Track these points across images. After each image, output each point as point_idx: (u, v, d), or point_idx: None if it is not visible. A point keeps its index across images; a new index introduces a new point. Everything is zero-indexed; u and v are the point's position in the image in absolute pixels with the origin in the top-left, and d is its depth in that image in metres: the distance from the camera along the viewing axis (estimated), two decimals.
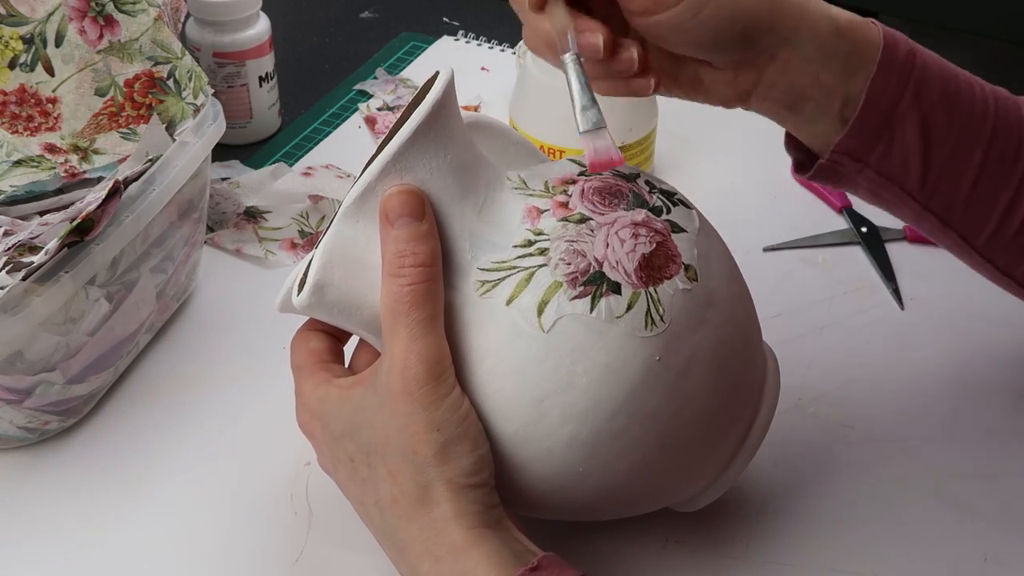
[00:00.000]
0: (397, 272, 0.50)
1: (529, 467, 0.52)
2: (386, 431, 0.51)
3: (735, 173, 0.89)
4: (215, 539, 0.61)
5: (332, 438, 0.54)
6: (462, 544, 0.50)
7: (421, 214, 0.51)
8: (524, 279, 0.51)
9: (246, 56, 0.88)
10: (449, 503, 0.50)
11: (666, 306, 0.51)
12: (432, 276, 0.50)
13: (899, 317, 0.76)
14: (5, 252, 0.64)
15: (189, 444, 0.66)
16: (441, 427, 0.50)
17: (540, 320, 0.50)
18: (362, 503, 0.54)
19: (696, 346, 0.51)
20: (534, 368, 0.50)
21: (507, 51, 1.04)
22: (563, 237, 0.51)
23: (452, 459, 0.50)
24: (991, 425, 0.69)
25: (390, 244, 0.50)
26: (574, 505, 0.54)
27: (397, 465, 0.51)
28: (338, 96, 0.98)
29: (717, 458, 0.55)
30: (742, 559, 0.61)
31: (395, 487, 0.51)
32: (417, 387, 0.50)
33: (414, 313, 0.50)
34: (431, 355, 0.50)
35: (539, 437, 0.51)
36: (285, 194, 0.82)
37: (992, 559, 0.61)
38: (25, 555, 0.60)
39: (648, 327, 0.50)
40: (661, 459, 0.52)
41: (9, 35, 0.73)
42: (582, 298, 0.50)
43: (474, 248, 0.52)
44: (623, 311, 0.50)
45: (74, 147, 0.74)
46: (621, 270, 0.50)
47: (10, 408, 0.62)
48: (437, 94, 0.51)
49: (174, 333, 0.73)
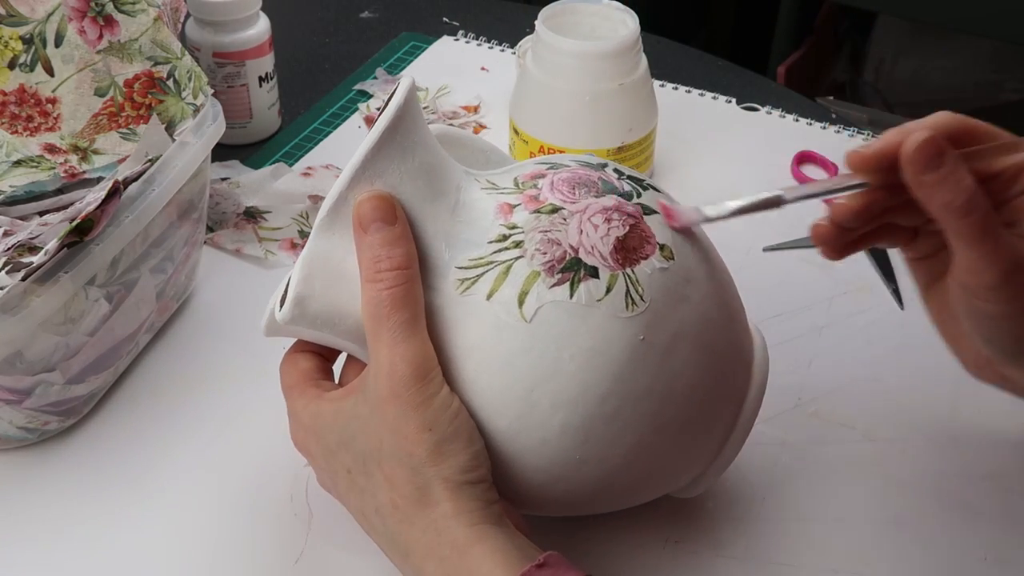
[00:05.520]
0: (374, 277, 0.50)
1: (525, 460, 0.52)
2: (379, 436, 0.51)
3: (735, 173, 0.89)
4: (214, 540, 0.61)
5: (328, 452, 0.54)
6: (465, 542, 0.50)
7: (393, 218, 0.51)
8: (502, 272, 0.51)
9: (246, 56, 0.88)
10: (448, 502, 0.50)
11: (645, 286, 0.51)
12: (410, 278, 0.50)
13: (899, 317, 0.76)
14: (5, 252, 0.64)
15: (189, 444, 0.66)
16: (433, 426, 0.50)
17: (522, 311, 0.50)
18: (363, 513, 0.54)
19: (679, 323, 0.52)
20: (520, 359, 0.50)
21: (507, 51, 1.04)
22: (537, 228, 0.52)
23: (447, 457, 0.50)
24: (991, 425, 0.69)
25: (365, 250, 0.51)
26: (573, 497, 0.54)
27: (393, 469, 0.51)
28: (338, 96, 0.97)
29: (711, 438, 0.55)
30: (742, 559, 0.61)
31: (393, 491, 0.51)
32: (404, 389, 0.50)
33: (395, 316, 0.50)
34: (415, 356, 0.50)
35: (532, 428, 0.51)
36: (285, 194, 0.82)
37: (992, 558, 0.61)
38: (25, 555, 0.60)
39: (629, 307, 0.51)
40: (656, 440, 0.52)
41: (9, 35, 0.73)
42: (561, 285, 0.50)
43: (450, 248, 0.52)
44: (603, 294, 0.51)
45: (74, 147, 0.74)
46: (597, 254, 0.51)
47: (10, 408, 0.62)
48: (399, 100, 0.51)
49: (174, 333, 0.73)
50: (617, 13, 0.83)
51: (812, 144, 0.90)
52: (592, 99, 0.80)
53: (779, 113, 0.95)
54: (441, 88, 0.97)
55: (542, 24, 0.81)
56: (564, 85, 0.80)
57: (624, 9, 0.83)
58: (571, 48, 0.80)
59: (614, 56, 0.80)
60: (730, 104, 0.96)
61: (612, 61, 0.80)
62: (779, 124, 0.94)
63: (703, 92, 0.98)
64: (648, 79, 0.83)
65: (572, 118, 0.81)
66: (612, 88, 0.80)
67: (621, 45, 0.80)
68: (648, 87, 0.83)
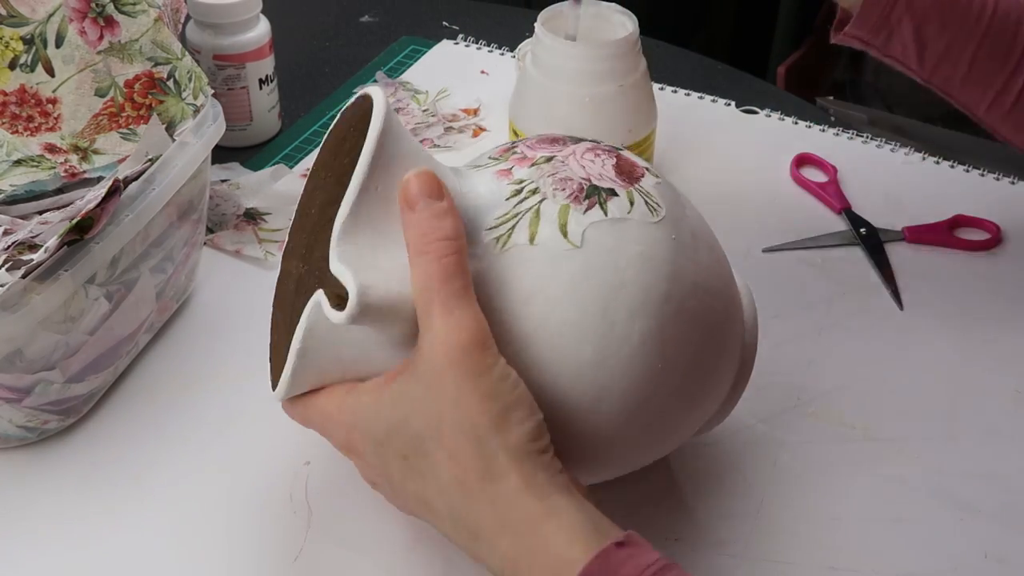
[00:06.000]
0: (423, 250, 0.50)
1: (616, 384, 0.52)
2: (438, 410, 0.49)
3: (735, 174, 0.89)
4: (214, 538, 0.61)
5: (376, 443, 0.52)
6: (538, 515, 0.48)
7: (440, 193, 0.51)
8: (534, 216, 0.53)
9: (246, 58, 0.88)
10: (515, 473, 0.48)
11: (655, 196, 0.55)
12: (459, 249, 0.50)
13: (899, 317, 0.76)
14: (5, 251, 0.64)
15: (189, 444, 0.66)
16: (496, 395, 0.49)
17: (569, 239, 0.52)
18: (423, 500, 0.52)
19: (691, 223, 0.56)
20: (584, 283, 0.51)
21: (506, 54, 1.04)
22: (544, 174, 0.54)
23: (512, 426, 0.49)
24: (991, 425, 0.69)
25: (413, 226, 0.50)
26: (653, 420, 0.54)
27: (456, 442, 0.49)
28: (338, 99, 0.98)
29: (736, 347, 0.58)
30: (742, 557, 0.61)
31: (457, 467, 0.49)
32: (463, 357, 0.48)
33: (446, 287, 0.49)
34: (471, 324, 0.49)
35: (617, 346, 0.52)
36: (285, 196, 0.83)
37: (992, 557, 0.61)
38: (25, 554, 0.60)
39: (654, 213, 0.54)
40: (710, 341, 0.55)
41: (9, 36, 0.74)
42: (592, 208, 0.53)
43: (471, 216, 0.53)
44: (629, 207, 0.54)
45: (74, 147, 0.74)
46: (607, 179, 0.54)
47: (9, 407, 0.62)
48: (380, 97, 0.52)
49: (174, 333, 0.73)
50: (616, 15, 0.83)
51: (811, 146, 0.91)
52: (591, 101, 0.80)
53: (778, 116, 0.95)
54: (441, 91, 0.98)
55: (541, 27, 0.81)
56: (564, 87, 0.81)
57: (623, 11, 0.83)
58: (570, 50, 0.80)
59: (613, 58, 0.80)
60: (729, 107, 0.96)
61: (611, 63, 0.80)
62: (778, 127, 0.94)
63: (702, 95, 0.98)
64: (647, 81, 0.83)
65: (571, 120, 0.81)
66: (611, 90, 0.80)
67: (620, 47, 0.80)
68: (647, 89, 0.83)
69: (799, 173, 0.89)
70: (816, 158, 0.89)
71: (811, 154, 0.90)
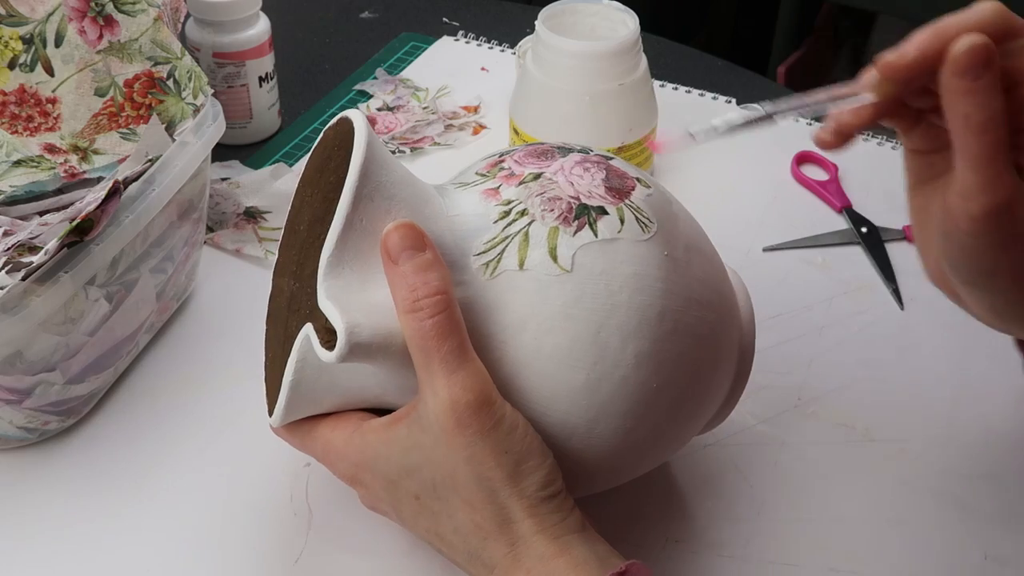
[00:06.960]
0: (414, 307, 0.49)
1: (610, 408, 0.52)
2: (452, 466, 0.50)
3: (735, 173, 0.89)
4: (215, 539, 0.61)
5: (388, 481, 0.53)
6: (551, 554, 0.50)
7: (423, 244, 0.50)
8: (523, 240, 0.52)
9: (246, 56, 0.88)
10: (531, 519, 0.50)
11: (646, 210, 0.54)
12: (449, 303, 0.49)
13: (899, 317, 0.76)
14: (5, 252, 0.64)
15: (189, 444, 0.66)
16: (507, 449, 0.49)
17: (559, 263, 0.51)
18: (437, 533, 0.53)
19: (683, 235, 0.55)
20: (577, 307, 0.51)
21: (507, 51, 1.04)
22: (532, 194, 0.53)
23: (526, 475, 0.50)
24: (991, 425, 0.69)
25: (399, 281, 0.49)
26: (651, 436, 0.54)
27: (473, 494, 0.50)
28: (338, 96, 0.98)
29: (733, 351, 0.58)
30: (741, 559, 0.61)
31: (474, 512, 0.50)
32: (471, 417, 0.49)
33: (444, 345, 0.49)
34: (475, 383, 0.49)
35: (610, 370, 0.51)
36: (285, 194, 0.82)
37: (992, 557, 0.61)
38: (25, 555, 0.60)
39: (645, 230, 0.53)
40: (705, 354, 0.54)
41: (9, 35, 0.73)
42: (581, 229, 0.52)
43: (458, 241, 0.52)
44: (620, 225, 0.53)
45: (74, 147, 0.74)
46: (596, 196, 0.53)
47: (10, 408, 0.62)
48: (361, 123, 0.51)
49: (174, 333, 0.73)
50: (617, 13, 0.83)
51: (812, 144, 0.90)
52: (592, 99, 0.80)
53: None
54: (441, 88, 0.97)
55: (542, 24, 0.81)
56: (564, 85, 0.80)
57: (624, 9, 0.83)
58: (571, 48, 0.80)
59: (614, 56, 0.80)
60: (730, 104, 0.96)
61: (612, 61, 0.80)
62: (779, 124, 0.94)
63: (703, 92, 0.98)
64: (648, 79, 0.83)
65: (572, 118, 0.81)
66: (612, 88, 0.80)
67: (621, 45, 0.80)
68: (648, 87, 0.83)
69: (800, 171, 0.89)
70: (817, 156, 0.89)
71: (812, 152, 0.89)
